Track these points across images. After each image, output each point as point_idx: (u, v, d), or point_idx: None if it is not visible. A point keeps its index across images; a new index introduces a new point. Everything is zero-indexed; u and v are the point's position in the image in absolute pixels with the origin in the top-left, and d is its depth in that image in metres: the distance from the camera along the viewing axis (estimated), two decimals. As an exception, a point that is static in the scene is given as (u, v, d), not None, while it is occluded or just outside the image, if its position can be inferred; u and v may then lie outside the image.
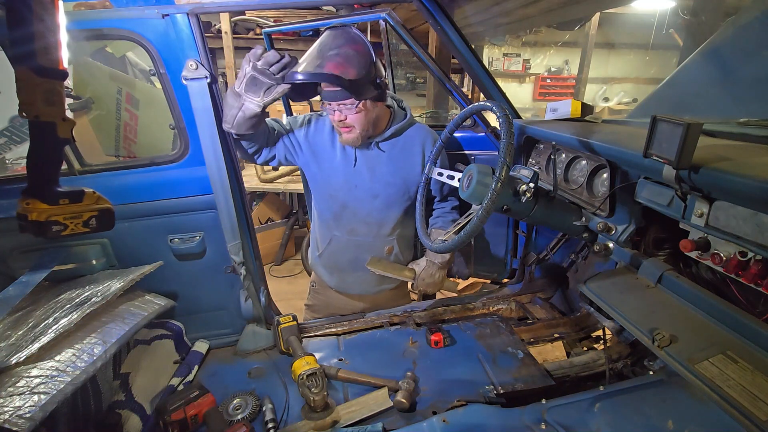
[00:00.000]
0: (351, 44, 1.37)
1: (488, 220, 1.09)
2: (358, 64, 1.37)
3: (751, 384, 0.82)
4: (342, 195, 1.63)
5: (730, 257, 0.91)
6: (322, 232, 1.78)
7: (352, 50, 1.37)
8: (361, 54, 1.39)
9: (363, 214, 1.65)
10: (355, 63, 1.36)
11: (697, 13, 3.03)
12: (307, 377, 1.30)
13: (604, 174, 1.29)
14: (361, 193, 1.62)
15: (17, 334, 1.15)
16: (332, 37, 1.39)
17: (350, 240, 1.71)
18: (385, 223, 1.68)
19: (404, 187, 1.63)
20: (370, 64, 1.39)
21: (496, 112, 1.11)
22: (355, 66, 1.36)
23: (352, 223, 1.68)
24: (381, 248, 1.72)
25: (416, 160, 1.61)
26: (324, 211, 1.72)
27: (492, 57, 7.29)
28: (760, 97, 1.22)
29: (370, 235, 1.69)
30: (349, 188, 1.62)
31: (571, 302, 1.82)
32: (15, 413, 0.90)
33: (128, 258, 1.53)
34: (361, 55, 1.38)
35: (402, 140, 1.61)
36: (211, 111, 1.40)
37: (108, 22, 1.33)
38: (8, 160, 2.76)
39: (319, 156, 1.63)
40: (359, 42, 1.40)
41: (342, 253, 1.76)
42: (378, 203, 1.63)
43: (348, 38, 1.39)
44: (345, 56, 1.35)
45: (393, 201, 1.64)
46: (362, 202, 1.63)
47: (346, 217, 1.67)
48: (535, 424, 1.03)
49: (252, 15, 4.95)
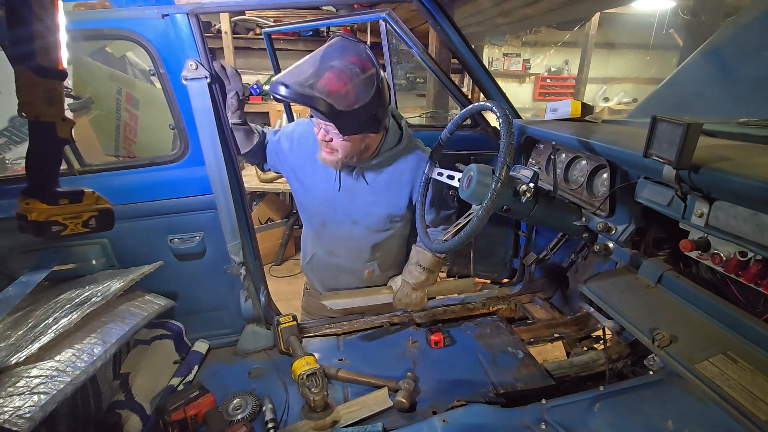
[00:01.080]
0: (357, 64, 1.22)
1: (488, 220, 1.09)
2: (359, 92, 1.22)
3: (751, 384, 0.82)
4: (321, 214, 1.57)
5: (730, 257, 0.91)
6: (305, 245, 1.76)
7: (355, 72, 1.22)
8: (365, 80, 1.23)
9: (342, 236, 1.59)
10: (355, 90, 1.21)
11: (697, 13, 3.03)
12: (307, 377, 1.30)
13: (604, 174, 1.29)
14: (341, 216, 1.54)
15: (17, 334, 1.15)
16: (338, 49, 1.24)
17: (330, 261, 1.67)
18: (364, 249, 1.60)
19: (387, 217, 1.54)
20: (373, 94, 1.23)
21: (496, 112, 1.11)
22: (353, 94, 1.21)
23: (332, 245, 1.63)
24: (361, 272, 1.67)
25: (403, 193, 1.51)
26: (307, 226, 1.70)
27: (492, 57, 7.29)
28: (760, 97, 1.22)
29: (349, 258, 1.64)
30: (328, 210, 1.55)
31: (571, 302, 1.82)
32: (15, 413, 0.90)
33: (128, 258, 1.53)
34: (364, 81, 1.23)
35: (390, 169, 1.49)
36: (211, 111, 1.39)
37: (108, 22, 1.33)
38: (8, 160, 2.76)
39: (301, 170, 1.55)
40: (367, 63, 1.24)
41: (323, 272, 1.75)
42: (357, 229, 1.56)
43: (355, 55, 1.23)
44: (345, 78, 1.20)
45: (374, 229, 1.56)
46: (341, 225, 1.56)
47: (326, 236, 1.62)
48: (535, 424, 1.03)
49: (252, 15, 4.96)
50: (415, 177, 1.50)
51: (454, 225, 1.29)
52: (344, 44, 1.27)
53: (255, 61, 5.64)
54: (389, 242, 1.63)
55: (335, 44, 1.28)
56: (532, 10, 3.41)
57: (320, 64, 1.23)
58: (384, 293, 1.61)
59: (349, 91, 1.22)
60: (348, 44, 1.27)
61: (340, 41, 1.28)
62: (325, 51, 1.27)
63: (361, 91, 1.24)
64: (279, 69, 2.32)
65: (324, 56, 1.25)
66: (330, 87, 1.19)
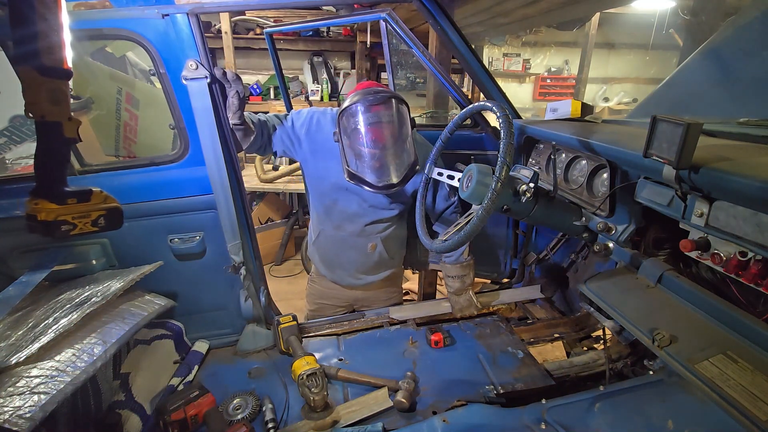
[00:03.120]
0: (401, 120, 1.44)
1: (488, 220, 1.09)
2: (408, 139, 1.47)
3: (751, 384, 0.82)
4: (333, 193, 1.67)
5: (730, 257, 0.91)
6: (313, 224, 1.85)
7: (403, 131, 1.45)
8: (407, 122, 1.47)
9: (351, 213, 1.69)
10: (409, 143, 1.48)
11: (697, 13, 3.02)
12: (307, 377, 1.30)
13: (604, 174, 1.29)
14: (351, 195, 1.66)
15: (17, 334, 1.15)
16: (381, 116, 1.41)
17: (336, 235, 1.76)
18: (371, 223, 1.71)
19: (395, 195, 1.65)
20: (410, 128, 1.47)
21: (496, 112, 1.11)
22: (410, 147, 1.48)
23: (340, 220, 1.72)
24: (364, 245, 1.76)
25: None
26: (317, 205, 1.78)
27: (492, 57, 7.28)
28: (760, 97, 1.22)
29: (355, 232, 1.73)
30: (340, 189, 1.65)
31: (571, 302, 1.82)
32: (15, 413, 0.90)
33: (128, 258, 1.53)
34: (407, 125, 1.46)
35: None
36: (211, 111, 1.40)
37: (108, 22, 1.33)
38: (8, 160, 2.76)
39: (317, 154, 1.65)
40: (403, 111, 1.45)
41: (329, 247, 1.82)
42: (365, 207, 1.67)
43: (395, 113, 1.43)
44: (402, 147, 1.45)
45: (383, 206, 1.68)
46: (351, 203, 1.67)
47: (335, 213, 1.71)
48: (535, 424, 1.03)
49: (252, 15, 4.95)
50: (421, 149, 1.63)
51: (454, 225, 1.29)
52: (368, 106, 1.41)
53: (255, 61, 5.64)
54: (392, 221, 1.75)
55: (363, 109, 1.41)
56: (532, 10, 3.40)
57: (375, 146, 1.44)
58: (444, 305, 1.78)
59: (404, 150, 1.48)
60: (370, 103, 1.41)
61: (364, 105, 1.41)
62: (367, 127, 1.42)
63: (407, 133, 1.48)
64: (280, 69, 2.32)
65: (369, 133, 1.42)
66: (396, 167, 1.47)
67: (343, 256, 1.80)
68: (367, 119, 1.40)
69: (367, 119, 1.40)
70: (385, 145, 1.43)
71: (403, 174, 1.48)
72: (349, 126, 1.44)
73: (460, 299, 1.75)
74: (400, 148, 1.46)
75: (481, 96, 1.72)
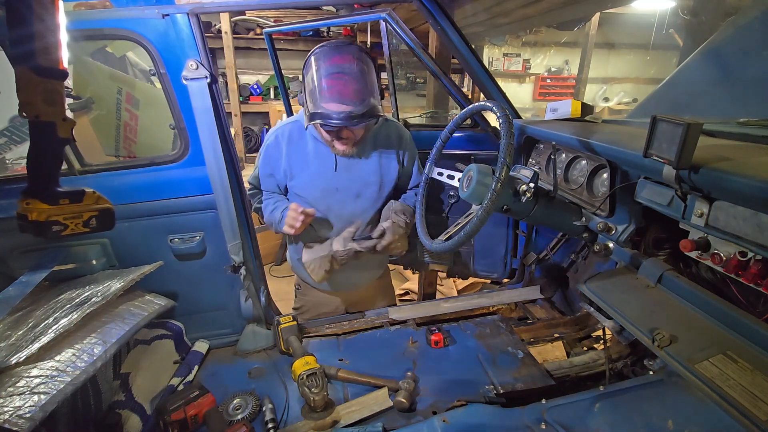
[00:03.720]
0: (362, 63, 1.39)
1: (488, 220, 1.09)
2: (373, 84, 1.40)
3: (751, 384, 0.82)
4: (325, 199, 1.62)
5: (730, 257, 0.91)
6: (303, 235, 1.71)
7: (365, 71, 1.39)
8: (371, 70, 1.41)
9: (346, 215, 1.65)
10: (372, 84, 1.39)
11: (697, 13, 3.02)
12: (307, 377, 1.30)
13: (604, 174, 1.29)
14: (343, 195, 1.62)
15: (17, 334, 1.15)
16: (341, 58, 1.38)
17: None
18: (366, 219, 1.69)
19: (383, 182, 1.65)
20: (377, 78, 1.42)
21: (496, 112, 1.11)
22: (373, 88, 1.39)
23: (336, 225, 1.67)
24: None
25: (392, 155, 1.66)
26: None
27: (492, 57, 7.28)
28: (760, 97, 1.22)
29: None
30: (331, 192, 1.61)
31: (571, 302, 1.82)
32: (15, 413, 0.90)
33: (128, 258, 1.53)
34: (371, 72, 1.41)
35: (375, 138, 1.63)
36: (211, 111, 1.40)
37: (108, 22, 1.33)
38: (8, 160, 2.76)
39: (295, 167, 1.60)
40: (366, 58, 1.41)
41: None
42: (360, 202, 1.64)
43: (356, 57, 1.39)
44: (363, 82, 1.37)
45: (375, 198, 1.66)
46: (345, 204, 1.63)
47: (330, 219, 1.66)
48: (535, 424, 1.03)
49: (252, 15, 4.96)
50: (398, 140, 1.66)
51: (455, 225, 1.29)
52: (341, 53, 1.39)
53: (255, 61, 5.64)
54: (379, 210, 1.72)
55: (323, 55, 1.40)
56: (532, 10, 3.40)
57: (335, 82, 1.37)
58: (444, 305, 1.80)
59: (370, 91, 1.39)
60: (345, 52, 1.39)
61: (336, 54, 1.39)
62: (332, 69, 1.38)
63: (375, 84, 1.40)
64: (280, 69, 2.32)
65: (340, 71, 1.37)
66: (358, 100, 1.36)
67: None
68: (326, 56, 1.40)
69: (326, 56, 1.40)
70: (345, 73, 1.37)
71: (365, 107, 1.37)
72: (309, 70, 1.41)
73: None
74: (360, 80, 1.38)
75: (481, 96, 1.72)
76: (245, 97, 5.69)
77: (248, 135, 5.96)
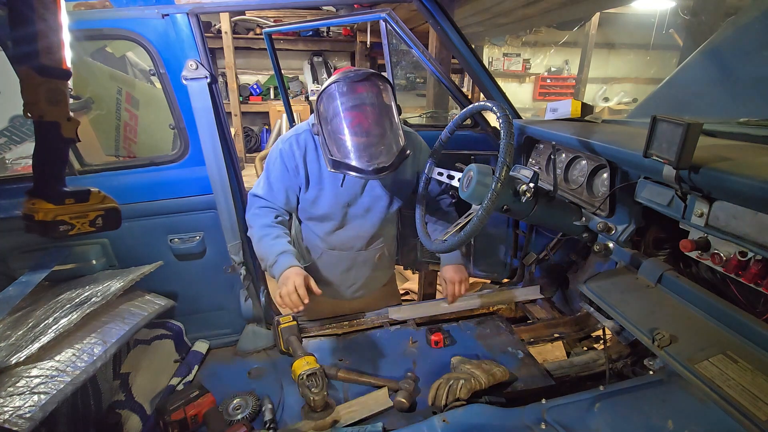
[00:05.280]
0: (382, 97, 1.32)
1: (488, 220, 1.09)
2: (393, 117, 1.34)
3: (751, 384, 0.82)
4: (335, 215, 1.56)
5: (730, 257, 0.91)
6: (309, 246, 1.71)
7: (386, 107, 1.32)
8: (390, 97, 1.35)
9: (356, 229, 1.61)
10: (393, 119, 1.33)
11: (697, 13, 3.03)
12: (307, 377, 1.30)
13: (604, 174, 1.29)
14: (355, 210, 1.57)
15: (17, 334, 1.15)
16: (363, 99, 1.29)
17: (342, 254, 1.68)
18: (376, 233, 1.64)
19: (395, 196, 1.59)
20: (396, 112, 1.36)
21: (496, 112, 1.11)
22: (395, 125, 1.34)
23: (345, 239, 1.63)
24: (372, 256, 1.70)
25: (406, 171, 1.58)
26: (313, 228, 1.65)
27: (492, 57, 7.28)
28: (760, 97, 1.22)
29: (363, 246, 1.67)
30: (342, 207, 1.55)
31: (571, 302, 1.82)
32: (15, 413, 0.90)
33: (128, 258, 1.53)
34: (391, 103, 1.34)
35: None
36: (211, 111, 1.40)
37: (108, 22, 1.33)
38: (8, 160, 2.75)
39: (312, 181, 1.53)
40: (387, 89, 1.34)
41: (335, 266, 1.71)
42: (371, 216, 1.59)
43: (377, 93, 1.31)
44: (388, 124, 1.32)
45: (385, 211, 1.60)
46: (355, 219, 1.59)
47: (339, 234, 1.62)
48: (535, 424, 1.02)
49: (252, 15, 4.96)
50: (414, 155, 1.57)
51: (454, 225, 1.29)
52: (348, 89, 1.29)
53: (255, 61, 5.65)
54: (393, 222, 1.70)
55: (344, 96, 1.30)
56: (532, 10, 3.40)
57: (359, 133, 1.30)
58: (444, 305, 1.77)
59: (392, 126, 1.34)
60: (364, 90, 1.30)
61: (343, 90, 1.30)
62: (349, 115, 1.29)
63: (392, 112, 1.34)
64: (279, 69, 2.32)
65: (351, 120, 1.29)
66: (386, 146, 1.31)
67: (350, 273, 1.72)
68: (348, 98, 1.29)
69: (348, 98, 1.29)
70: (371, 123, 1.30)
71: (394, 156, 1.32)
72: (329, 109, 1.31)
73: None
74: (387, 126, 1.32)
75: (481, 96, 1.72)
76: (245, 97, 5.69)
77: (248, 135, 5.96)
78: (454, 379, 1.28)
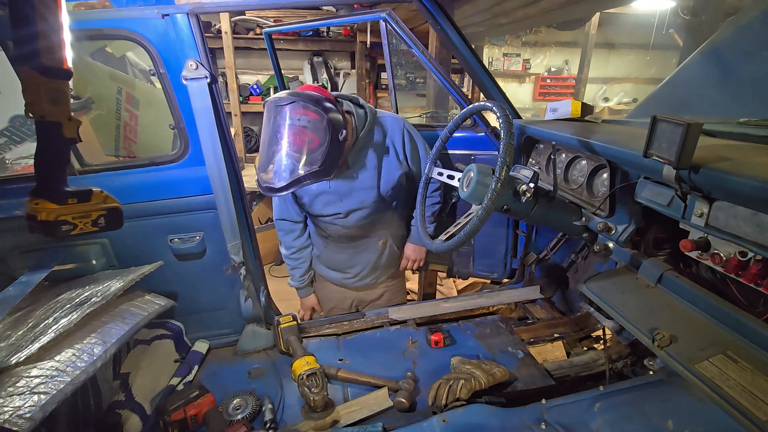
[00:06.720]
0: (302, 116, 1.36)
1: (488, 220, 1.09)
2: (320, 137, 1.36)
3: (751, 384, 0.82)
4: (330, 211, 1.66)
5: (730, 257, 0.91)
6: (315, 238, 1.87)
7: (304, 125, 1.36)
8: (316, 126, 1.36)
9: (354, 221, 1.69)
10: (318, 138, 1.36)
11: (697, 13, 3.03)
12: (307, 377, 1.30)
13: (604, 174, 1.29)
14: (349, 204, 1.64)
15: (17, 334, 1.15)
16: (279, 117, 1.37)
17: (344, 244, 1.78)
18: (376, 222, 1.72)
19: (387, 185, 1.65)
20: (328, 125, 1.36)
21: (496, 112, 1.11)
22: (317, 144, 1.36)
23: (345, 230, 1.72)
24: (376, 244, 1.79)
25: (390, 156, 1.65)
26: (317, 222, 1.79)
27: (492, 57, 7.27)
28: (760, 97, 1.22)
29: (364, 236, 1.75)
30: (335, 204, 1.64)
31: (571, 302, 1.82)
32: (15, 413, 0.90)
33: (128, 258, 1.53)
34: (315, 126, 1.36)
35: (370, 143, 1.61)
36: (211, 111, 1.40)
37: (108, 22, 1.33)
38: (8, 160, 2.75)
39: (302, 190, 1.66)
40: (308, 111, 1.36)
41: (338, 255, 1.83)
42: (367, 208, 1.67)
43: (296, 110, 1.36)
44: (303, 137, 1.36)
45: (380, 201, 1.67)
46: (351, 212, 1.67)
47: (339, 225, 1.71)
48: (535, 424, 1.02)
49: (252, 15, 4.95)
50: (393, 139, 1.64)
51: (455, 225, 1.29)
52: (277, 110, 1.38)
53: (255, 61, 5.64)
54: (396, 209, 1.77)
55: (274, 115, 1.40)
56: (532, 10, 3.40)
57: (277, 148, 1.39)
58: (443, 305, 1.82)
59: (313, 145, 1.37)
60: (278, 108, 1.38)
61: (273, 109, 1.39)
62: (272, 127, 1.39)
63: (321, 135, 1.37)
64: (279, 69, 2.32)
65: (273, 132, 1.39)
66: (303, 164, 1.37)
67: (355, 260, 1.82)
68: (266, 118, 1.41)
69: (266, 118, 1.41)
70: (274, 145, 1.39)
71: (289, 179, 1.39)
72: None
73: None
74: (294, 149, 1.38)
75: (481, 96, 1.72)
76: (245, 97, 5.69)
77: (248, 135, 5.96)
78: (454, 379, 1.28)
